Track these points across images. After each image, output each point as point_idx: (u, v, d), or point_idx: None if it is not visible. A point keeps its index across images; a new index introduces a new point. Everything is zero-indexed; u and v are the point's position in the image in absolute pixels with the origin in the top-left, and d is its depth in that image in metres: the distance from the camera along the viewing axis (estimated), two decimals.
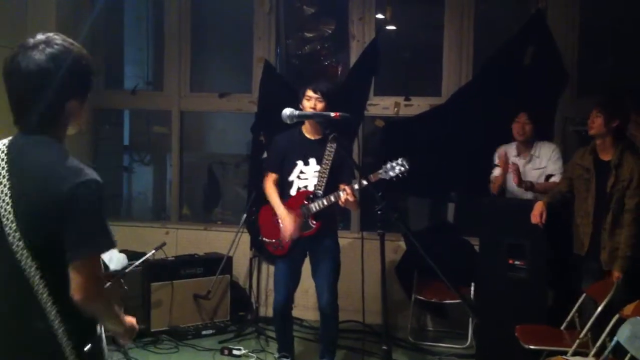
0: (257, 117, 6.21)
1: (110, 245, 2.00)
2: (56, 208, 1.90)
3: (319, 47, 6.26)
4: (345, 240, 5.41)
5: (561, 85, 5.62)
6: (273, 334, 5.09)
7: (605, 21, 5.86)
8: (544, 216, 4.56)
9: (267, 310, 5.84)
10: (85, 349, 2.04)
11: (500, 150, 5.11)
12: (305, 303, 5.65)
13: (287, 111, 3.19)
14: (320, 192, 4.37)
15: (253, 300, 5.98)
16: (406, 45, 6.70)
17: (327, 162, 4.39)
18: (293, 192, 4.47)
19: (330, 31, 6.25)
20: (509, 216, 4.87)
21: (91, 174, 1.99)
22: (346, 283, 4.64)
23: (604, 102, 4.39)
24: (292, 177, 4.48)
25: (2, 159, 1.98)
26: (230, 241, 5.81)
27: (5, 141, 2.04)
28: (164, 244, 5.51)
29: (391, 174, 4.11)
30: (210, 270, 5.71)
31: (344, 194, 4.18)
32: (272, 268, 5.63)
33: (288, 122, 3.22)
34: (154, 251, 5.42)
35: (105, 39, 6.73)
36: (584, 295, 4.30)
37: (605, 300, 3.98)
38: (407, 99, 6.04)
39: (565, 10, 5.68)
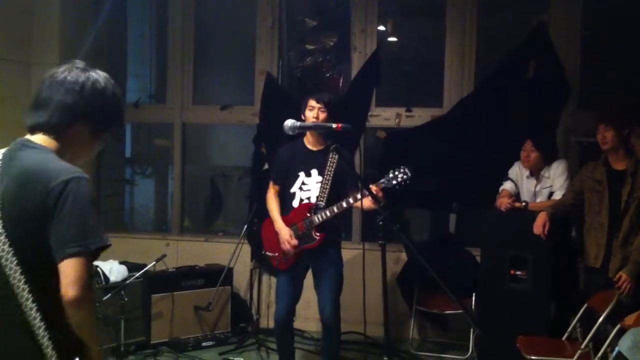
0: (259, 129, 6.22)
1: (99, 242, 1.93)
2: (44, 205, 1.89)
3: (320, 59, 6.28)
4: (347, 251, 5.38)
5: (563, 97, 5.63)
6: (274, 346, 5.07)
7: (607, 33, 5.88)
8: (547, 227, 4.57)
9: (268, 321, 5.82)
10: None
11: (501, 200, 5.02)
12: (307, 314, 5.64)
13: (288, 122, 3.20)
14: (323, 203, 4.35)
15: (254, 311, 5.97)
16: (408, 56, 6.73)
17: (329, 172, 4.39)
18: (295, 203, 4.46)
19: (332, 43, 6.27)
20: (510, 227, 4.87)
21: (80, 172, 1.97)
22: (347, 294, 4.63)
23: (609, 115, 4.39)
24: (294, 188, 4.47)
25: None
26: (230, 252, 5.81)
27: (4, 150, 2.07)
28: (164, 255, 5.52)
29: (394, 182, 4.11)
30: (211, 282, 5.70)
31: (375, 191, 3.99)
32: (273, 279, 5.63)
33: (290, 133, 3.23)
34: (154, 263, 5.42)
35: (109, 53, 6.76)
36: (585, 305, 4.29)
37: (607, 310, 3.97)
38: (408, 110, 6.06)
39: (567, 23, 5.70)
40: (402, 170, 4.10)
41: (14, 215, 1.91)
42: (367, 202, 4.08)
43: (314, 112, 4.36)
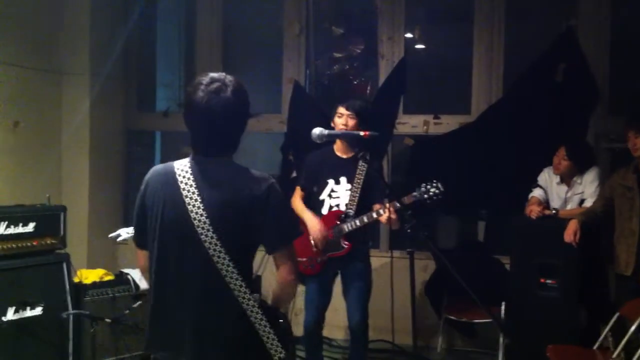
0: (287, 137, 6.24)
1: (299, 233, 2.53)
2: (252, 208, 2.30)
3: (347, 67, 6.30)
4: (375, 258, 5.37)
5: (593, 103, 5.57)
6: (302, 354, 5.07)
7: (637, 38, 5.81)
8: (578, 235, 4.52)
9: (296, 329, 5.81)
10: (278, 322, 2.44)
11: (531, 208, 4.99)
12: (335, 322, 5.62)
13: (316, 130, 3.22)
14: (352, 211, 4.35)
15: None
16: (435, 63, 6.70)
17: (358, 181, 4.38)
18: (325, 210, 4.45)
19: (359, 51, 6.29)
20: (540, 235, 4.83)
21: (272, 177, 2.39)
22: (376, 302, 4.61)
23: (639, 122, 4.35)
24: (323, 195, 4.46)
25: (188, 177, 2.33)
26: (259, 260, 5.80)
27: (184, 161, 2.39)
28: None
29: (425, 196, 4.09)
30: None
31: (386, 212, 4.05)
32: (302, 287, 5.62)
33: (318, 141, 3.25)
34: None
35: (138, 61, 6.84)
36: (617, 314, 4.23)
37: (638, 319, 3.91)
38: (436, 117, 6.04)
39: (596, 27, 5.65)
40: (434, 184, 4.09)
41: (219, 216, 2.27)
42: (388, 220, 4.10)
43: (342, 119, 4.34)
